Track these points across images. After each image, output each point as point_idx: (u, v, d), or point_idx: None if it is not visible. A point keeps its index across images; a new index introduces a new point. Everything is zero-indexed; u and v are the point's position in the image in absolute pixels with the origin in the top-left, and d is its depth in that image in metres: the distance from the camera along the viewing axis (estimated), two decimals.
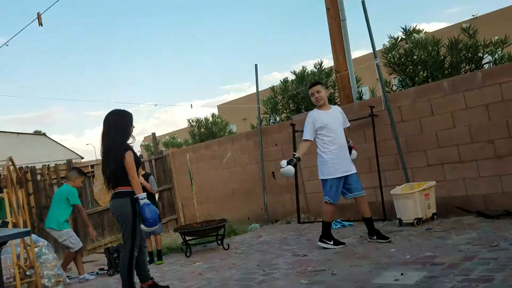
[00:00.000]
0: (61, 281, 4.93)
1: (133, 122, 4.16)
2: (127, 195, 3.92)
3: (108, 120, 4.08)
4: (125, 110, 4.19)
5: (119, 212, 3.94)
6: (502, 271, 3.12)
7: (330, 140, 4.92)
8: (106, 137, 4.05)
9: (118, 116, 4.11)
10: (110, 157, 3.97)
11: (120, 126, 4.05)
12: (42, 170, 9.02)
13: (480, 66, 6.51)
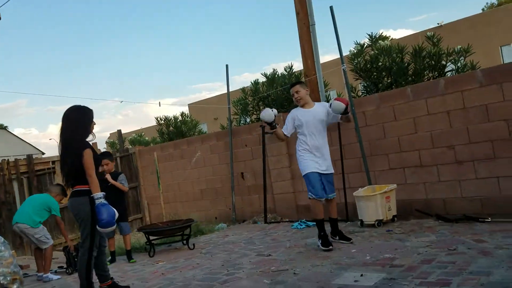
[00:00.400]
0: (17, 279, 4.75)
1: (93, 119, 4.03)
2: (85, 194, 3.82)
3: (67, 116, 3.95)
4: (85, 106, 4.05)
5: (77, 211, 3.84)
6: (459, 275, 3.21)
7: (306, 138, 4.96)
8: (64, 134, 3.91)
9: (77, 113, 3.98)
10: (68, 155, 3.85)
11: (79, 122, 3.92)
12: (1, 165, 8.70)
13: (443, 74, 6.73)
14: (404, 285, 3.15)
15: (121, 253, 6.46)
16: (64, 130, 3.92)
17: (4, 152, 21.24)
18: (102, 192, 3.80)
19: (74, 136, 3.86)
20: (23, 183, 8.86)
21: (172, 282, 4.29)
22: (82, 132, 3.90)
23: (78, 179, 3.84)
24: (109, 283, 4.10)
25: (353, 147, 6.51)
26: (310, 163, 4.89)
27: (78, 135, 3.87)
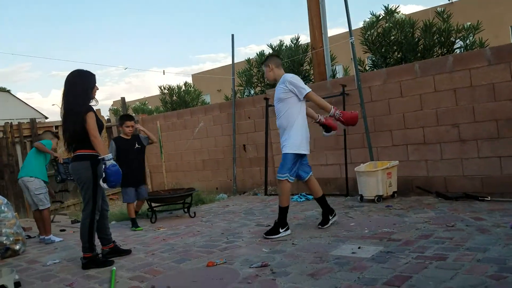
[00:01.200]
0: (20, 239, 4.84)
1: (95, 83, 3.99)
2: (87, 158, 3.83)
3: (69, 81, 3.91)
4: (87, 70, 4.00)
5: (79, 175, 3.85)
6: (456, 251, 3.24)
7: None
8: (66, 99, 3.89)
9: (79, 77, 3.93)
10: (69, 119, 3.83)
11: (81, 87, 3.88)
12: (4, 128, 8.72)
13: (451, 50, 6.62)
14: (401, 258, 3.19)
15: (123, 218, 6.55)
16: (66, 94, 3.89)
17: (7, 115, 21.20)
18: (110, 154, 3.81)
19: (76, 100, 3.83)
20: (26, 147, 8.90)
21: (173, 247, 4.36)
22: (84, 96, 3.87)
23: (80, 143, 3.84)
24: (111, 246, 4.17)
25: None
26: (303, 144, 4.46)
27: (80, 99, 3.84)
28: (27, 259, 4.53)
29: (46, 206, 5.47)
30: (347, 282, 2.83)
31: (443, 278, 2.70)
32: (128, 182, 5.57)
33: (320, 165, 7.08)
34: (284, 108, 4.42)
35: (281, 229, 4.33)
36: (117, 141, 5.80)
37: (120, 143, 5.76)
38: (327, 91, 6.84)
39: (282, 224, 4.36)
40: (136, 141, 5.87)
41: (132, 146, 5.79)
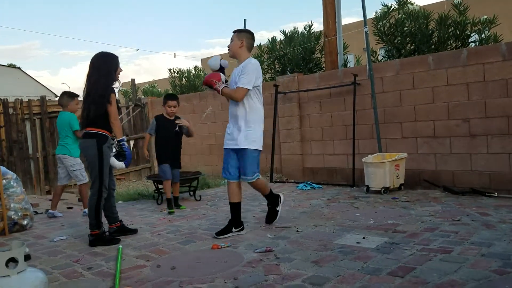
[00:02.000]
0: (28, 215, 4.90)
1: (119, 65, 4.07)
2: (93, 137, 3.89)
3: (93, 62, 3.98)
4: (111, 52, 4.08)
5: (85, 153, 3.94)
6: (461, 245, 3.25)
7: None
8: (89, 79, 3.95)
9: (102, 58, 4.00)
10: (91, 100, 3.89)
11: (104, 68, 3.94)
12: (14, 104, 8.78)
13: (466, 44, 6.54)
14: (405, 250, 3.19)
15: (129, 198, 6.60)
16: (89, 75, 3.96)
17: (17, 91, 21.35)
18: (124, 136, 4.04)
19: (99, 81, 3.88)
20: (36, 124, 8.96)
21: (179, 229, 4.40)
22: (106, 78, 3.91)
23: (91, 122, 3.89)
24: (118, 225, 4.22)
25: (366, 113, 6.45)
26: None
27: (103, 80, 3.89)
28: (34, 235, 4.60)
29: (81, 182, 5.55)
30: (351, 270, 2.84)
31: (447, 271, 2.70)
32: (165, 159, 5.55)
33: (327, 154, 7.07)
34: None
35: (234, 229, 4.02)
36: (158, 119, 5.69)
37: (161, 121, 5.65)
38: (338, 80, 6.81)
39: (236, 224, 4.04)
40: (177, 124, 5.64)
41: (172, 127, 5.61)
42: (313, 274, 2.83)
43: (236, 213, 4.05)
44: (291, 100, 7.47)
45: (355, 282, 2.62)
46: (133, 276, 2.98)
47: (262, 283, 2.71)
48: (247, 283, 2.71)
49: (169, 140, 5.63)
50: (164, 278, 2.93)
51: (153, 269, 3.13)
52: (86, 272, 3.17)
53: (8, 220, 4.68)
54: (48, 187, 8.99)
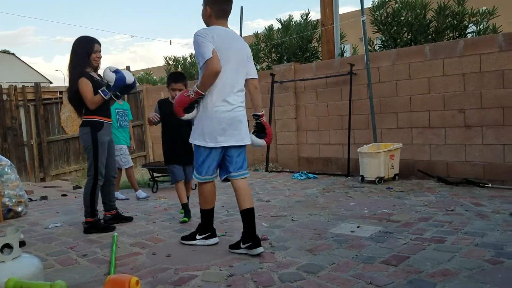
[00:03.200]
0: (22, 202, 4.89)
1: (93, 48, 3.93)
2: (88, 124, 3.88)
3: (72, 47, 3.95)
4: (88, 36, 3.99)
5: (82, 140, 3.95)
6: (455, 234, 3.27)
7: None
8: (69, 62, 3.94)
9: (78, 42, 3.93)
10: (69, 84, 3.89)
11: (79, 52, 3.88)
12: (8, 90, 8.70)
13: (464, 35, 6.53)
14: (399, 239, 3.22)
15: (124, 186, 6.59)
16: (69, 59, 3.92)
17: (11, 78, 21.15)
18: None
19: (72, 64, 3.85)
20: (30, 111, 8.90)
21: (174, 217, 4.40)
22: (79, 61, 3.86)
23: (85, 109, 3.88)
24: (114, 212, 4.22)
25: (362, 103, 6.45)
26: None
27: (76, 63, 3.85)
28: (29, 221, 4.59)
29: (124, 166, 5.66)
30: (345, 259, 2.86)
31: (441, 260, 2.73)
32: (174, 157, 4.33)
33: (323, 144, 7.08)
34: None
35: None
36: (162, 105, 4.44)
37: (166, 108, 4.28)
38: (335, 69, 6.79)
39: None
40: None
41: (180, 120, 3.96)
42: (307, 262, 2.84)
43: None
44: (288, 89, 7.45)
45: (349, 270, 2.64)
46: (129, 263, 2.99)
47: (257, 271, 2.72)
48: (242, 271, 2.73)
49: (177, 131, 4.31)
50: (160, 265, 2.94)
51: (149, 257, 3.14)
52: (81, 259, 3.17)
53: (3, 206, 4.67)
54: (43, 174, 8.96)
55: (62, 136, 9.37)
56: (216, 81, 2.99)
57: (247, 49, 3.21)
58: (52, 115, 9.27)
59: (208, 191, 3.25)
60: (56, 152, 9.26)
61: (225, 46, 2.99)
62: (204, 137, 3.10)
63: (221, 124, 3.07)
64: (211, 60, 2.90)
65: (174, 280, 2.65)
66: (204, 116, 3.10)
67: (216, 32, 3.00)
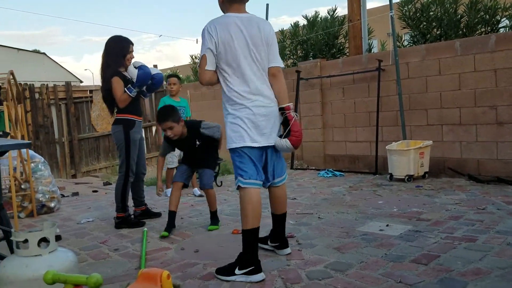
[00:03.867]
0: (55, 198, 5.04)
1: (128, 49, 4.02)
2: (120, 123, 3.97)
3: (105, 46, 4.03)
4: (124, 37, 4.08)
5: (115, 138, 4.04)
6: (486, 233, 3.20)
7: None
8: (102, 61, 4.02)
9: (111, 41, 4.02)
10: (103, 83, 3.98)
11: (113, 52, 3.96)
12: (40, 89, 8.97)
13: (496, 29, 6.35)
14: (429, 238, 3.17)
15: (152, 183, 6.71)
16: (102, 58, 4.01)
17: (43, 77, 21.75)
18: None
19: (107, 64, 3.93)
20: (61, 109, 9.16)
21: (201, 213, 4.46)
22: (113, 61, 3.94)
23: (117, 106, 3.97)
24: (143, 208, 4.31)
25: (391, 100, 6.36)
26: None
27: (110, 63, 3.93)
28: (61, 217, 4.73)
29: (171, 166, 5.57)
30: (373, 257, 2.84)
31: (472, 259, 2.67)
32: (184, 158, 4.09)
33: (349, 141, 7.02)
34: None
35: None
36: (168, 139, 3.97)
37: (172, 140, 3.93)
38: (362, 65, 6.71)
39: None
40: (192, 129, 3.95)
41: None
42: (335, 260, 2.84)
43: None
44: (313, 86, 7.41)
45: (378, 269, 2.62)
46: (158, 258, 3.05)
47: (285, 268, 2.73)
48: (270, 267, 2.74)
49: (191, 155, 3.98)
50: (188, 260, 2.98)
51: (177, 252, 3.19)
52: (112, 253, 3.26)
53: (36, 202, 4.83)
54: (74, 171, 9.22)
55: (92, 134, 9.60)
56: (235, 77, 2.68)
57: (265, 33, 2.74)
58: (82, 113, 9.51)
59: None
60: (86, 149, 9.50)
61: (237, 39, 2.65)
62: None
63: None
64: (198, 70, 2.73)
65: (202, 275, 2.69)
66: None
67: (221, 23, 2.67)
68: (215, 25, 2.66)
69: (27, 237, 2.10)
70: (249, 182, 2.68)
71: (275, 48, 2.82)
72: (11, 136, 4.46)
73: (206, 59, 2.63)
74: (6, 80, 4.54)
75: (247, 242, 2.64)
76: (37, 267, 2.04)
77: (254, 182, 2.69)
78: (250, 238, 2.63)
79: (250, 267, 2.58)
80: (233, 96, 2.69)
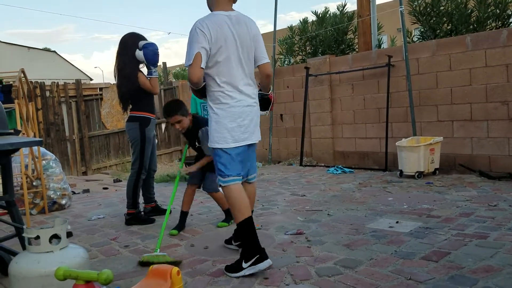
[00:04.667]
0: (66, 195, 5.09)
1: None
2: (136, 120, 3.99)
3: (123, 40, 4.04)
4: (138, 33, 4.14)
5: (130, 135, 4.07)
6: (498, 230, 3.17)
7: None
8: (119, 58, 4.02)
9: (131, 38, 4.05)
10: (121, 78, 3.97)
11: (130, 48, 3.98)
12: (51, 87, 9.05)
13: (507, 24, 6.27)
14: (440, 235, 3.14)
15: (162, 180, 6.74)
16: (118, 54, 4.02)
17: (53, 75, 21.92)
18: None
19: (127, 61, 3.94)
20: (71, 107, 9.23)
21: (211, 210, 4.47)
22: (131, 58, 3.96)
23: (133, 104, 4.00)
24: (153, 205, 4.34)
25: (401, 96, 6.31)
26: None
27: (128, 60, 3.94)
28: (72, 213, 4.78)
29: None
30: (383, 254, 2.83)
31: (483, 256, 2.65)
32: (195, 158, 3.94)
33: (359, 138, 6.99)
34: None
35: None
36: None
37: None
38: (372, 61, 6.67)
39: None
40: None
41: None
42: (345, 257, 2.83)
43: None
44: (322, 82, 7.38)
45: (388, 266, 2.61)
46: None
47: (294, 265, 2.73)
48: (279, 264, 2.74)
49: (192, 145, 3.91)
50: (198, 257, 3.00)
51: (187, 248, 3.21)
52: (123, 249, 3.28)
53: (48, 199, 4.88)
54: (84, 168, 9.30)
55: (103, 131, 9.67)
56: (222, 76, 2.69)
57: (253, 31, 2.78)
58: (92, 111, 9.58)
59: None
60: (97, 146, 9.58)
61: (226, 39, 2.66)
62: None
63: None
64: (189, 68, 2.62)
65: (212, 271, 2.71)
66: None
67: (212, 21, 2.66)
68: (206, 24, 2.64)
69: (39, 233, 2.12)
70: (229, 180, 2.73)
71: (262, 44, 2.85)
72: (22, 133, 4.51)
73: (200, 57, 2.60)
74: (18, 78, 4.58)
75: (245, 233, 2.66)
76: (48, 263, 2.06)
77: (235, 179, 2.74)
78: (247, 228, 2.66)
79: (255, 256, 2.59)
80: (219, 96, 2.70)
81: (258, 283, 2.47)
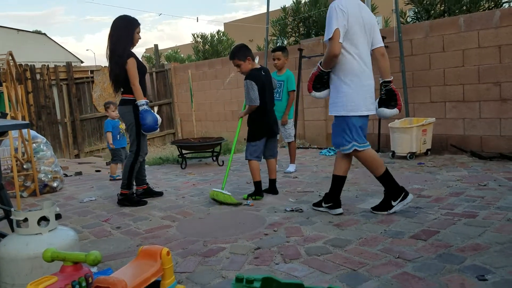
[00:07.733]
0: (58, 177, 5.07)
1: (137, 28, 4.03)
2: (129, 103, 3.97)
3: (115, 23, 4.00)
4: (130, 16, 4.07)
5: (124, 118, 4.06)
6: (487, 209, 3.20)
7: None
8: (111, 39, 3.98)
9: (122, 21, 4.01)
10: (113, 60, 3.94)
11: (124, 30, 3.95)
12: (41, 70, 8.93)
13: (500, 4, 6.23)
14: (430, 214, 3.17)
15: (154, 162, 6.73)
16: (110, 37, 3.98)
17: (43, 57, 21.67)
18: (145, 100, 3.92)
19: (118, 43, 3.91)
20: (62, 90, 9.14)
21: (202, 192, 4.48)
22: (125, 40, 3.92)
23: (125, 87, 3.97)
24: (145, 187, 4.34)
25: (395, 77, 6.13)
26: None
27: (122, 42, 3.91)
28: (64, 196, 4.76)
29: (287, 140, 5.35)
30: (373, 233, 2.85)
31: (471, 235, 2.68)
32: (265, 130, 4.11)
33: None
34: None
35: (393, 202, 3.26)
36: (255, 77, 3.94)
37: (259, 77, 3.97)
38: None
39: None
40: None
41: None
42: (334, 236, 2.85)
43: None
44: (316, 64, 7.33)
45: (377, 245, 2.63)
46: (160, 236, 3.08)
47: (284, 244, 2.75)
48: (269, 244, 2.76)
49: (271, 100, 4.19)
50: (189, 238, 3.01)
51: (179, 229, 3.22)
52: (115, 231, 3.29)
53: (39, 182, 4.86)
54: (77, 151, 9.26)
55: (95, 114, 9.60)
56: (351, 59, 3.11)
57: (373, 19, 3.26)
58: (84, 94, 9.49)
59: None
60: (89, 129, 9.52)
61: (358, 21, 3.08)
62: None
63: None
64: (330, 42, 3.03)
65: (203, 251, 2.72)
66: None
67: (349, 3, 3.06)
68: (346, 4, 3.03)
69: (27, 216, 2.10)
70: (365, 145, 3.25)
71: (378, 30, 3.27)
72: (11, 116, 4.46)
73: (339, 33, 2.99)
74: (5, 61, 4.51)
75: (388, 179, 3.25)
76: (37, 245, 2.05)
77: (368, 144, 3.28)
78: (388, 176, 3.25)
79: (401, 194, 3.25)
80: (350, 69, 3.13)
81: (248, 263, 2.49)
